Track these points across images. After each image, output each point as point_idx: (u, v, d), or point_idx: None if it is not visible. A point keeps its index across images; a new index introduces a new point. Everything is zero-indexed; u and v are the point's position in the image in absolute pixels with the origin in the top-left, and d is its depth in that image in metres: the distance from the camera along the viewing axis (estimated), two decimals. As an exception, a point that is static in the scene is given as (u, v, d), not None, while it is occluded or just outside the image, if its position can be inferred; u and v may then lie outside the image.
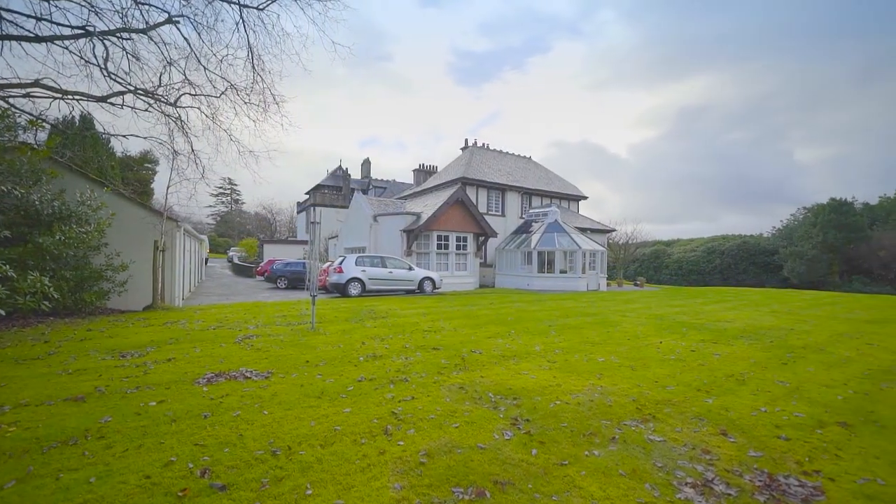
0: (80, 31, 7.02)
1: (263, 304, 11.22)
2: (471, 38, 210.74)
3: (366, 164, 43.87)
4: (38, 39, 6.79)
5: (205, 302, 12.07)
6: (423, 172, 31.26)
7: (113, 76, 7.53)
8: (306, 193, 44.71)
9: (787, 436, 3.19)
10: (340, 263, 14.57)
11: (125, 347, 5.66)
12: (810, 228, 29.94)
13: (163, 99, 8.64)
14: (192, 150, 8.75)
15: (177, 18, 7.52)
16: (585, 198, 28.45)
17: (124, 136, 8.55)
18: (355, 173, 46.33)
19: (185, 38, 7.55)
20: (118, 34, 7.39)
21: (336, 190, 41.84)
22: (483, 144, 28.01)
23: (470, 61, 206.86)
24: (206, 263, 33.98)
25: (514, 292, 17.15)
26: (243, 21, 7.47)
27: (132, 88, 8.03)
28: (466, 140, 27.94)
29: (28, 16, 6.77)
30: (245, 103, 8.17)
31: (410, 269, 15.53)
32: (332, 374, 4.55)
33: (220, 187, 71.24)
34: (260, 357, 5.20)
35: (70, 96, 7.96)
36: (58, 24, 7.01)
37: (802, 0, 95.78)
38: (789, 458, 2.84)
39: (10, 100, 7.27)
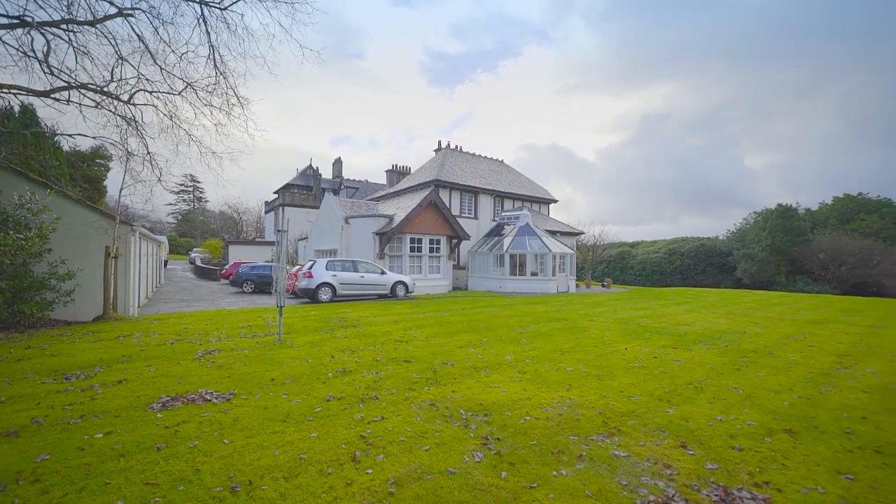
0: (16, 21, 6.42)
1: (227, 313, 10.73)
2: (443, 39, 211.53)
3: (337, 163, 42.98)
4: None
5: (163, 310, 11.40)
6: (396, 173, 30.99)
7: (56, 71, 6.94)
8: (275, 193, 43.29)
9: (741, 445, 3.37)
10: (310, 268, 14.17)
11: (69, 368, 5.23)
12: (760, 232, 32.05)
13: (115, 96, 8.08)
14: (148, 152, 8.23)
15: (129, 12, 7.04)
16: (555, 201, 29.13)
17: (70, 135, 7.91)
18: (326, 172, 45.30)
19: (139, 36, 7.07)
20: (62, 26, 6.82)
21: (306, 189, 40.75)
22: (456, 147, 28.10)
23: (443, 62, 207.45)
24: (165, 266, 32.17)
25: (486, 295, 17.31)
26: (204, 19, 7.09)
27: (79, 84, 7.44)
28: (440, 142, 27.94)
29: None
30: (206, 105, 7.76)
31: (383, 273, 15.33)
32: (299, 393, 4.40)
33: (182, 184, 67.67)
34: (222, 375, 4.95)
35: (6, 89, 7.30)
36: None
37: (750, 18, 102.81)
38: (742, 470, 3.00)
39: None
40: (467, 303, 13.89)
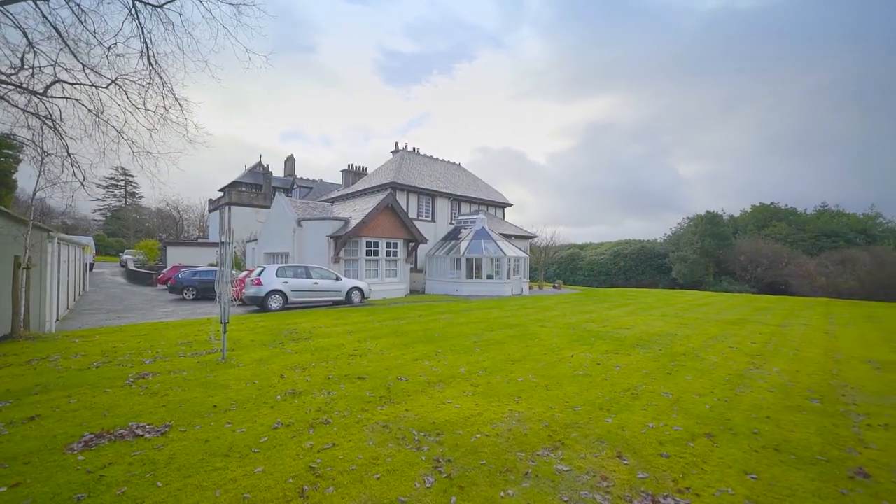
0: None
1: (164, 326, 9.93)
2: (398, 38, 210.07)
3: (290, 161, 41.18)
4: None
5: (87, 323, 10.31)
6: (353, 173, 30.31)
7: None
8: (221, 190, 40.61)
9: (668, 452, 3.71)
10: (259, 275, 13.49)
11: (-32, 402, 4.60)
12: (692, 236, 35.17)
13: (25, 87, 7.18)
14: (69, 154, 7.39)
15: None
16: (510, 205, 30.00)
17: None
18: (278, 170, 43.24)
19: (53, 25, 6.34)
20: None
21: (255, 188, 38.66)
22: (414, 149, 28.03)
23: (398, 61, 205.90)
24: (90, 270, 29.05)
25: (443, 299, 17.45)
26: (137, 12, 6.50)
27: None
28: (397, 143, 27.73)
29: None
30: (139, 108, 7.12)
31: (338, 279, 14.96)
32: (243, 420, 4.20)
33: (111, 178, 61.41)
34: (156, 404, 4.60)
35: None
36: None
37: (682, 41, 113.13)
38: (668, 477, 3.31)
39: None
40: (424, 309, 13.94)
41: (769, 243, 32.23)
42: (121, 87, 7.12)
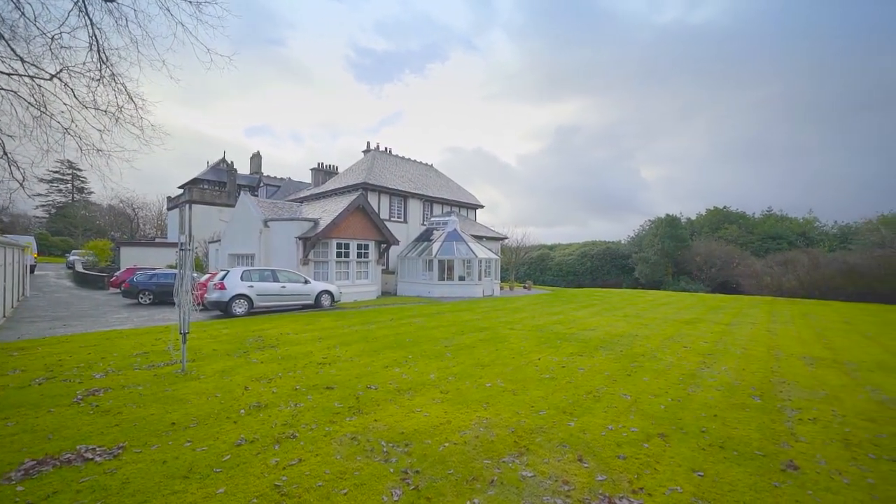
0: None
1: (117, 335, 9.36)
2: (370, 36, 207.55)
3: (256, 158, 39.71)
4: None
5: (28, 334, 9.53)
6: (323, 172, 29.66)
7: None
8: (181, 188, 38.56)
9: (625, 454, 3.93)
10: (222, 278, 12.96)
11: None
12: (653, 238, 36.97)
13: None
14: (6, 153, 6.80)
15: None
16: (482, 206, 30.37)
17: None
18: (243, 167, 41.59)
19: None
20: None
21: (219, 186, 37.01)
22: (386, 149, 27.80)
23: (370, 59, 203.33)
24: (32, 272, 26.79)
25: (415, 301, 17.44)
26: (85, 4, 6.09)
27: None
28: (368, 143, 27.41)
29: None
30: (86, 106, 6.68)
31: (307, 282, 14.62)
32: (204, 438, 4.06)
33: (56, 171, 56.80)
34: (108, 424, 4.35)
35: None
36: None
37: (641, 51, 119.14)
38: (624, 478, 3.51)
39: None
40: (395, 312, 13.88)
41: (722, 245, 34.40)
42: (66, 83, 6.63)
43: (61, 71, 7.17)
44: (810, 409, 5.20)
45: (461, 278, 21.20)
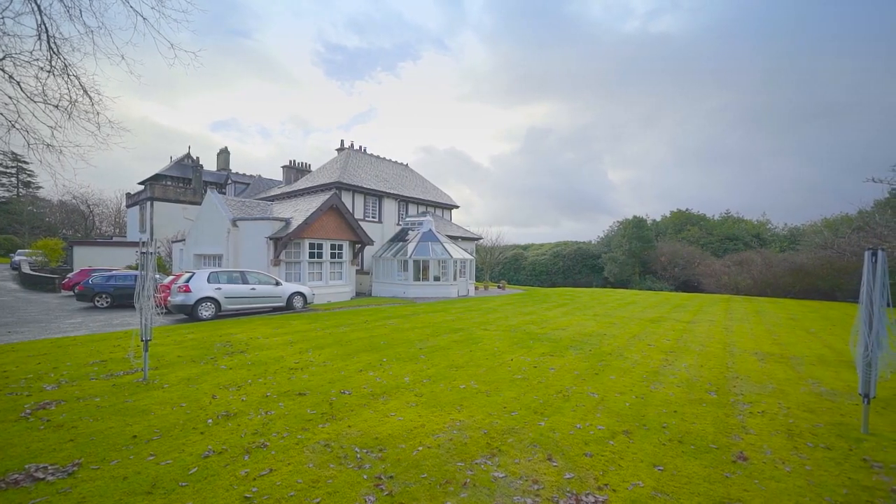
0: None
1: (71, 342, 8.80)
2: (341, 32, 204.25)
3: (223, 154, 38.19)
4: None
5: (-34, 342, 8.80)
6: (295, 170, 28.93)
7: None
8: (141, 184, 36.55)
9: (592, 451, 4.10)
10: (187, 281, 12.43)
11: None
12: (621, 239, 38.42)
13: None
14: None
15: None
16: (457, 207, 30.53)
17: None
18: (210, 163, 39.94)
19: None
20: None
21: (184, 182, 35.38)
22: (360, 147, 27.45)
23: (341, 55, 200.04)
24: (-31, 273, 24.68)
25: (390, 303, 17.34)
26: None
27: None
28: (342, 141, 26.98)
29: None
30: (33, 99, 6.25)
31: (278, 283, 14.24)
32: (169, 450, 3.92)
33: (-3, 164, 52.36)
34: (62, 439, 4.11)
35: None
36: None
37: (610, 58, 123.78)
38: (590, 475, 3.67)
39: None
40: (370, 314, 13.77)
41: (685, 246, 36.19)
42: (10, 74, 6.17)
43: (4, 59, 6.67)
44: (760, 402, 5.60)
45: (436, 279, 21.26)
